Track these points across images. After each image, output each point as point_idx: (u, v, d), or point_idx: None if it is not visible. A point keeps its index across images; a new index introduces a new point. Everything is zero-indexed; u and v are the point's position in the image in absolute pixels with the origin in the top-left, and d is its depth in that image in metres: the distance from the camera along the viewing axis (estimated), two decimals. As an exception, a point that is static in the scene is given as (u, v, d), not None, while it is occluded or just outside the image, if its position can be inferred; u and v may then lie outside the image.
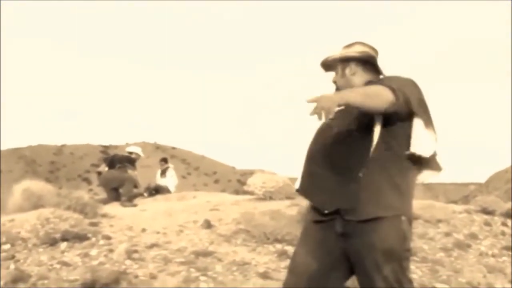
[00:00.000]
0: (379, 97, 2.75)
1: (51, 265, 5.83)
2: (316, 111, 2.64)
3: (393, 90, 2.77)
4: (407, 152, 2.88)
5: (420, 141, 2.87)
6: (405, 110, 2.82)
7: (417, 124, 2.87)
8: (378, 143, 2.88)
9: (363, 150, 2.89)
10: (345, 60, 3.26)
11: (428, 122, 2.90)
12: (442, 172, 3.13)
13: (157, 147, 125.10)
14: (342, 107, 3.20)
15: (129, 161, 12.95)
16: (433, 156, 3.03)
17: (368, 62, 3.20)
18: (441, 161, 3.08)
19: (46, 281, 5.35)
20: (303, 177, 3.17)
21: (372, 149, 2.88)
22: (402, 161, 2.92)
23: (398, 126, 2.88)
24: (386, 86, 2.82)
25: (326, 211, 2.99)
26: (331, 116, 2.65)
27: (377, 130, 2.90)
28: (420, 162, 3.00)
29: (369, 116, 2.90)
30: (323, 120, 2.65)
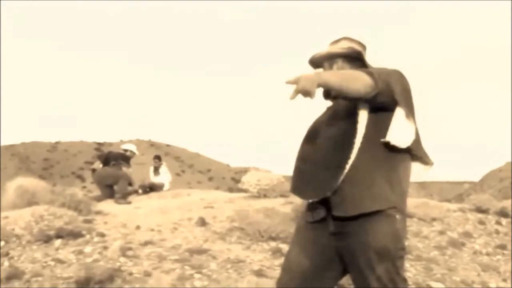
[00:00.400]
0: (357, 80, 2.73)
1: (45, 262, 5.82)
2: (298, 92, 2.63)
3: (372, 75, 2.75)
4: (382, 140, 2.84)
5: (398, 131, 2.84)
6: (388, 99, 2.80)
7: (398, 113, 2.85)
8: (365, 134, 2.86)
9: (350, 142, 2.87)
10: (332, 57, 3.24)
11: (409, 113, 2.87)
12: (433, 166, 3.12)
13: (152, 145, 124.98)
14: (332, 104, 3.20)
15: (124, 158, 12.94)
16: (422, 149, 3.02)
17: (356, 58, 3.19)
18: (434, 158, 3.07)
19: (40, 278, 5.33)
20: (293, 176, 3.16)
21: (357, 140, 2.86)
22: (393, 153, 2.90)
23: (385, 116, 2.86)
24: (366, 71, 2.82)
25: (310, 200, 2.99)
26: (313, 97, 2.63)
27: (363, 120, 2.88)
28: (410, 154, 2.99)
29: (356, 109, 2.89)
30: (309, 98, 2.63)
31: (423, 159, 3.05)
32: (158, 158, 15.20)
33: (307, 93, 2.61)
